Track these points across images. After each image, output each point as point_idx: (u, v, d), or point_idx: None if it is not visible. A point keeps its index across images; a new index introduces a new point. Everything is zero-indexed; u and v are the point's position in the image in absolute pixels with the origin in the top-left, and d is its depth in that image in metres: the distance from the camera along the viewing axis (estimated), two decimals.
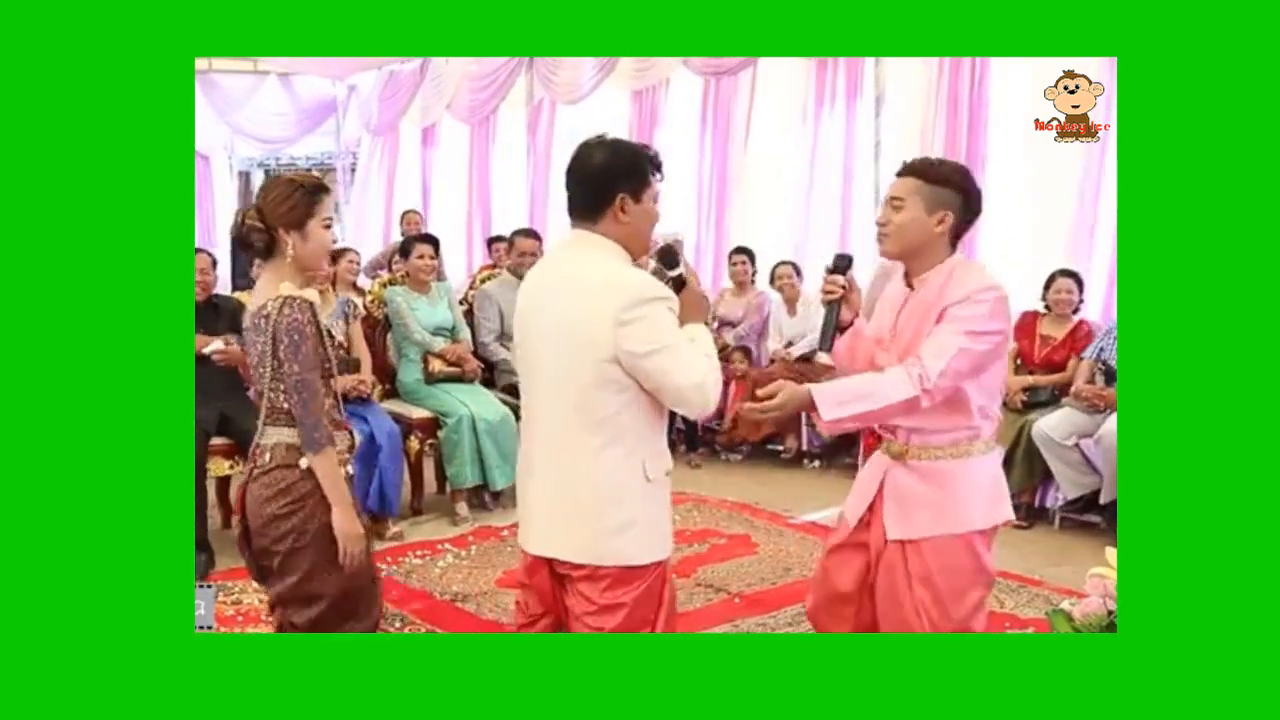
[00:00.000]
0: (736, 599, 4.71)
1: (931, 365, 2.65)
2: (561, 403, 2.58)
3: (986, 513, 2.85)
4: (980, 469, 2.85)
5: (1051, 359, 5.96)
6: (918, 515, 2.85)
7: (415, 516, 5.95)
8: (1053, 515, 5.84)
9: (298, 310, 2.74)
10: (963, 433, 2.82)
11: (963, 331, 2.68)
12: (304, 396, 2.75)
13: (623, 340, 2.47)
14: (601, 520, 2.57)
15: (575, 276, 2.58)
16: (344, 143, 13.00)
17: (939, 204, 2.77)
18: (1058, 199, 6.46)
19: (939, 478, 2.84)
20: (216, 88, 12.06)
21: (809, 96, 7.72)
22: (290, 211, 2.78)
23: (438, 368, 6.00)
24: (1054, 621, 2.60)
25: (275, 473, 2.81)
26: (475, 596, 4.74)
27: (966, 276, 2.77)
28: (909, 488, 2.86)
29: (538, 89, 9.90)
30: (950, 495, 2.83)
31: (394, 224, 11.30)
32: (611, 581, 2.59)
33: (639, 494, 2.59)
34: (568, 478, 2.61)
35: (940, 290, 2.77)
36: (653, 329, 2.48)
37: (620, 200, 2.58)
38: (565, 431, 2.59)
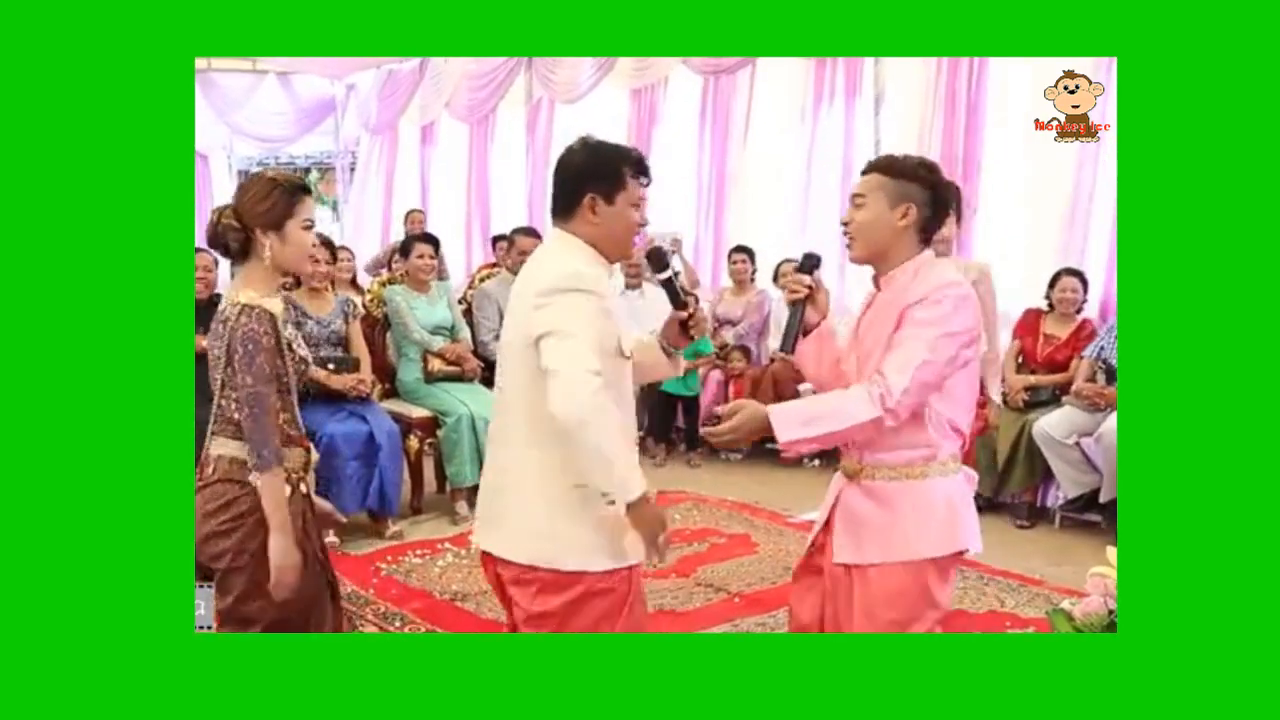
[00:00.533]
0: (736, 598, 4.71)
1: (894, 382, 2.47)
2: (507, 397, 2.61)
3: (939, 541, 2.62)
4: (935, 491, 2.62)
5: (1054, 358, 5.95)
6: (865, 539, 2.65)
7: (415, 515, 5.95)
8: (1053, 514, 5.83)
9: (255, 320, 2.63)
10: (918, 451, 2.61)
11: (924, 339, 2.50)
12: (254, 411, 2.62)
13: (531, 323, 2.44)
14: (526, 518, 2.54)
15: (533, 272, 2.59)
16: (343, 142, 13.00)
17: (902, 198, 2.61)
18: (1056, 198, 6.46)
19: (890, 500, 2.63)
20: (215, 87, 12.06)
21: (808, 95, 7.71)
22: (268, 212, 2.67)
23: (437, 367, 6.00)
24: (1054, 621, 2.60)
25: (218, 486, 2.68)
26: (475, 596, 4.73)
27: (930, 274, 2.60)
28: (859, 509, 2.66)
29: (536, 88, 9.90)
30: (900, 519, 2.61)
31: (393, 223, 11.30)
32: (540, 587, 2.52)
33: (560, 498, 2.50)
34: (505, 472, 2.61)
35: (904, 290, 2.59)
36: (557, 315, 2.41)
37: (590, 201, 2.57)
38: (508, 426, 2.60)
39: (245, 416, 2.62)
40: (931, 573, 2.62)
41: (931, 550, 2.61)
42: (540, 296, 2.44)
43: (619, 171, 2.59)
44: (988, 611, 4.52)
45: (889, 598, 2.61)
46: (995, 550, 5.27)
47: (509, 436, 2.59)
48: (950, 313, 2.52)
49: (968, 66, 6.67)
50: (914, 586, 2.61)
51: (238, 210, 2.69)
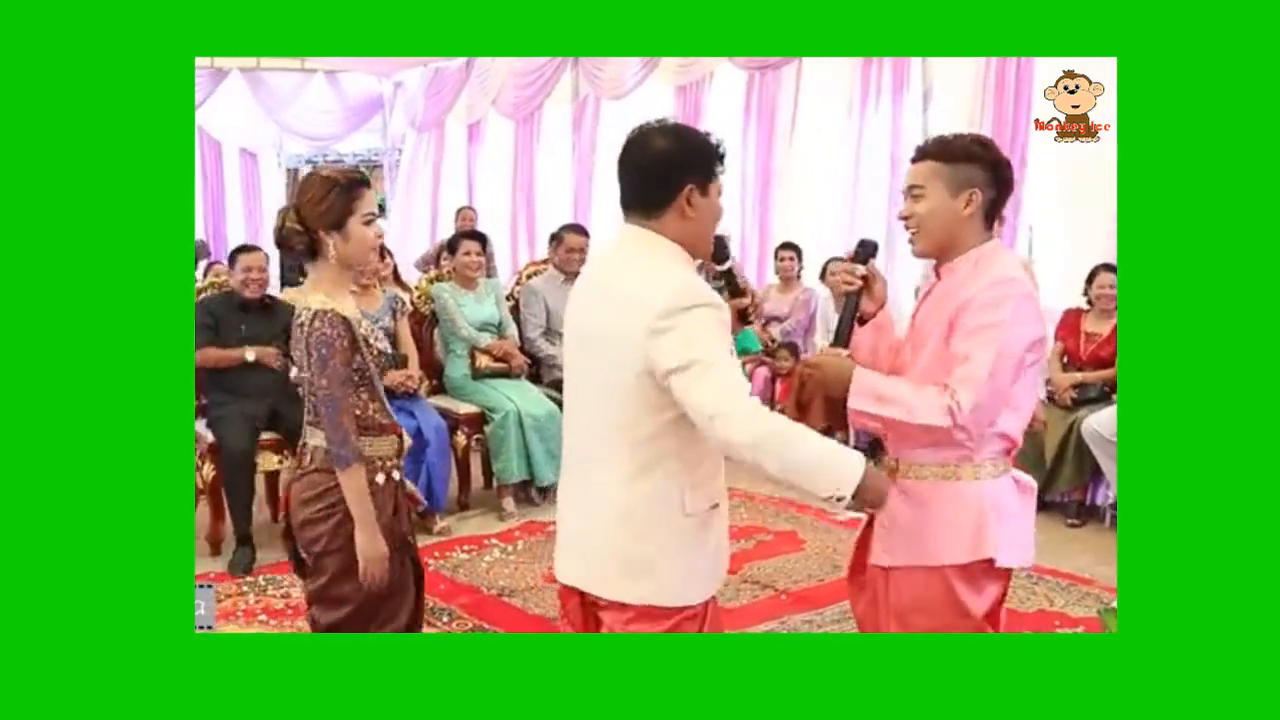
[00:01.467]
0: (783, 595, 4.71)
1: (964, 398, 2.33)
2: (597, 421, 2.33)
3: (967, 547, 2.45)
4: (968, 495, 2.45)
5: (1099, 355, 5.90)
6: (895, 541, 2.54)
7: (462, 511, 5.98)
8: (1103, 513, 5.77)
9: (327, 325, 2.68)
10: (954, 451, 2.45)
11: (991, 345, 2.35)
12: (329, 412, 2.70)
13: (653, 352, 2.17)
14: (626, 554, 2.31)
15: (619, 279, 2.33)
16: (390, 139, 13.09)
17: (963, 184, 2.46)
18: (1100, 193, 6.40)
19: (923, 500, 2.49)
20: (264, 85, 12.18)
21: (854, 91, 7.69)
22: (328, 212, 2.70)
23: (484, 363, 6.03)
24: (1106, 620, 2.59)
25: (314, 475, 2.79)
26: (522, 591, 4.76)
27: (990, 267, 2.45)
28: (895, 509, 2.50)
29: (583, 85, 9.93)
30: (928, 522, 2.48)
31: (440, 220, 11.37)
32: (635, 615, 2.33)
33: (672, 529, 2.30)
34: (594, 503, 2.35)
35: (965, 281, 2.45)
36: (684, 341, 2.16)
37: (688, 193, 2.28)
38: (598, 453, 2.34)
39: (323, 417, 2.71)
40: (958, 580, 2.47)
41: (952, 556, 2.46)
42: (660, 320, 2.16)
43: (712, 159, 2.33)
44: (1037, 611, 4.49)
45: (916, 603, 2.51)
46: (1044, 549, 5.20)
47: (605, 464, 2.33)
48: (1011, 319, 2.37)
49: (1015, 62, 6.62)
50: (939, 593, 2.48)
51: (299, 212, 2.72)
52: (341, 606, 2.81)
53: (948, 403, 2.34)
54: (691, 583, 2.35)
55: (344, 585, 2.79)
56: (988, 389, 2.34)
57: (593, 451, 2.36)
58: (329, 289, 2.75)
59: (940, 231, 2.50)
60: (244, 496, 5.13)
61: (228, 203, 13.02)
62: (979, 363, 2.34)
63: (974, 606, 2.48)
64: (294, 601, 4.59)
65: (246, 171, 13.29)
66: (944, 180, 2.47)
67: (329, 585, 2.81)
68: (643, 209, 2.32)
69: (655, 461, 2.27)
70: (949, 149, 2.50)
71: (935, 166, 2.49)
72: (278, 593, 4.72)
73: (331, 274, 2.76)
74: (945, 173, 2.48)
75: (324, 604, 2.84)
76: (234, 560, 5.02)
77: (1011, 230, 6.62)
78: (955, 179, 2.47)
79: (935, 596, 2.48)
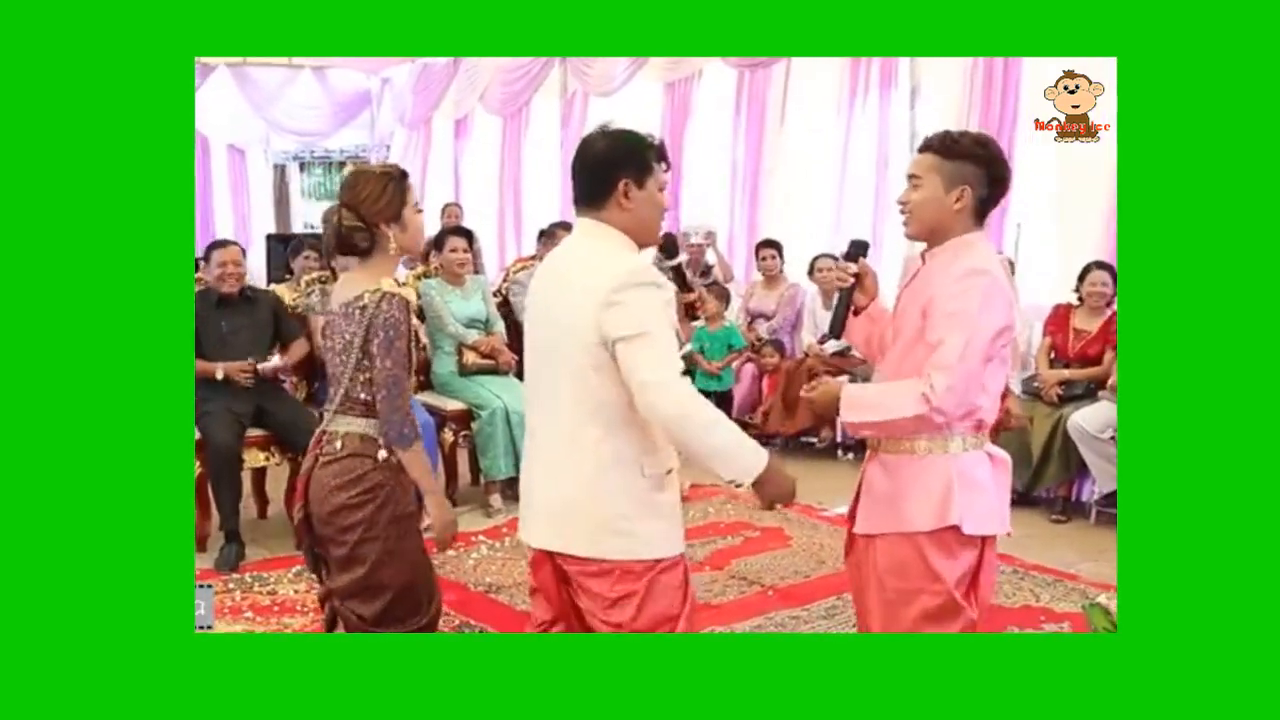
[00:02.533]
0: (769, 592, 4.71)
1: (937, 381, 2.51)
2: (559, 395, 2.55)
3: (933, 515, 2.62)
4: (938, 467, 2.63)
5: (1086, 353, 5.92)
6: (874, 510, 2.74)
7: None
8: (1088, 509, 5.80)
9: (396, 308, 2.75)
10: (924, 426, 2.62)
11: (962, 332, 2.52)
12: (393, 393, 2.75)
13: (604, 323, 2.42)
14: (600, 513, 2.52)
15: (575, 263, 2.58)
16: (378, 135, 13.06)
17: (957, 180, 2.63)
18: (1092, 191, 6.42)
19: (896, 472, 2.69)
20: (251, 82, 12.14)
21: (843, 89, 7.69)
22: (389, 205, 2.79)
23: (472, 360, 6.02)
24: (1090, 615, 2.60)
25: (347, 461, 2.80)
26: (509, 588, 4.76)
27: (964, 257, 2.62)
28: (875, 481, 2.75)
29: (571, 81, 9.92)
30: (901, 492, 2.68)
31: (427, 216, 11.34)
32: (620, 573, 2.53)
33: (634, 490, 2.53)
34: (566, 470, 2.55)
35: (941, 269, 2.65)
36: (633, 313, 2.42)
37: (624, 186, 2.55)
38: (562, 424, 2.56)
39: (383, 398, 2.76)
40: (928, 546, 2.64)
41: (920, 524, 2.64)
42: (612, 294, 2.42)
43: (645, 155, 2.59)
44: (1022, 606, 4.50)
45: (892, 567, 2.69)
46: (1030, 545, 5.25)
47: (569, 434, 2.54)
48: (979, 307, 2.54)
49: (1003, 59, 6.63)
50: (913, 558, 2.66)
51: (356, 209, 2.78)
52: (383, 594, 2.84)
53: (923, 389, 2.52)
54: (665, 537, 2.58)
55: (384, 572, 2.83)
56: (959, 372, 2.51)
57: (558, 423, 2.57)
58: (388, 278, 2.82)
59: (930, 220, 2.69)
60: (231, 493, 5.11)
61: (215, 199, 12.97)
62: (950, 348, 2.52)
63: (944, 571, 2.64)
64: (280, 599, 4.59)
65: (234, 168, 13.24)
66: (940, 174, 2.65)
67: (370, 574, 2.82)
68: (588, 203, 2.61)
69: (614, 427, 2.50)
70: (950, 145, 2.66)
71: (935, 160, 2.67)
72: (264, 590, 4.71)
73: (387, 264, 2.84)
74: (943, 167, 2.65)
75: (365, 595, 2.85)
76: (221, 557, 5.00)
77: (999, 227, 6.64)
78: (951, 174, 2.64)
79: (908, 561, 2.66)
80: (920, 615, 2.65)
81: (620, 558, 2.53)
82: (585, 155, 2.61)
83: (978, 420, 2.66)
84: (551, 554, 2.62)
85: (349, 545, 2.81)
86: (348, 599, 2.88)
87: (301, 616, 4.40)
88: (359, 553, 2.81)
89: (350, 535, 2.80)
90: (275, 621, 4.36)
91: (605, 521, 2.52)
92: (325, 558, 2.90)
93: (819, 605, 4.51)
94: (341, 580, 2.86)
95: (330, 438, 2.84)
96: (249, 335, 5.32)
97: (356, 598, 2.86)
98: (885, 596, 2.70)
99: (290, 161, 13.70)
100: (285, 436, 5.25)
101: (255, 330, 5.33)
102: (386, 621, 2.84)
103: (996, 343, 2.58)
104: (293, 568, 4.88)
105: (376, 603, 2.84)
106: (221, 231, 12.12)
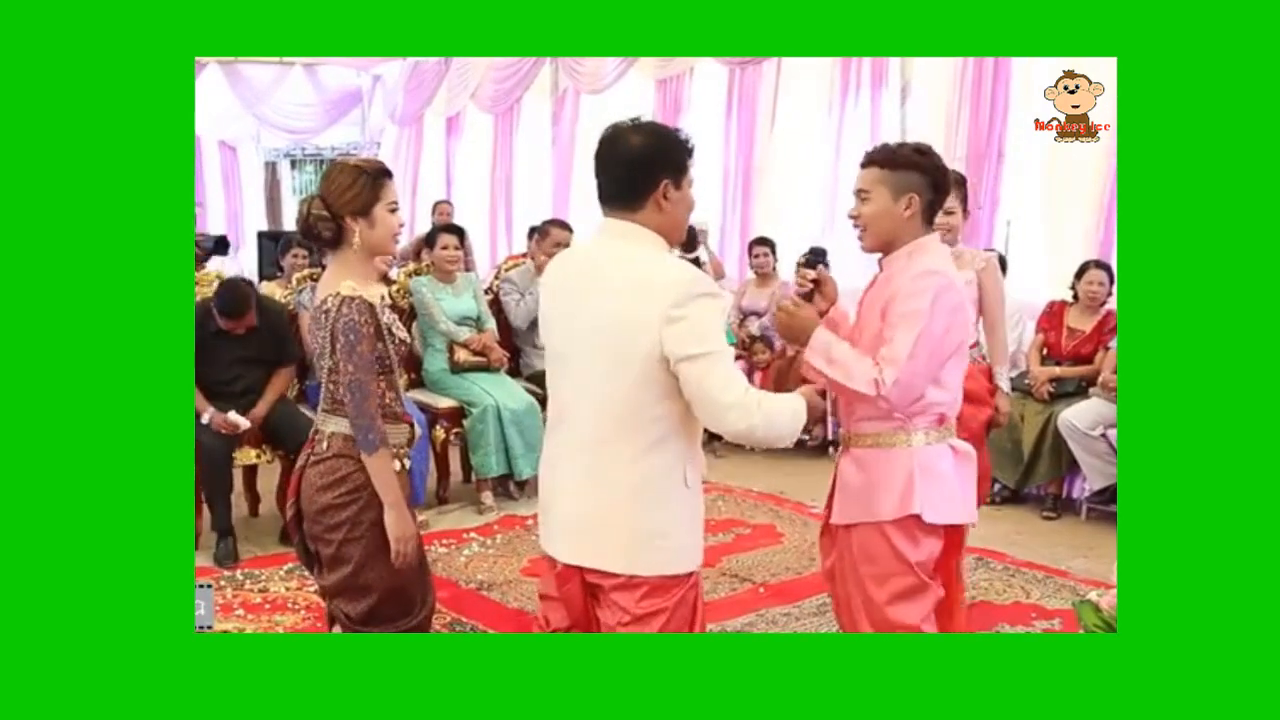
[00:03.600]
0: (761, 589, 4.72)
1: (887, 373, 2.64)
2: (600, 404, 2.45)
3: (896, 504, 2.78)
4: (901, 459, 2.79)
5: (1079, 351, 5.93)
6: (846, 501, 2.90)
7: (441, 505, 5.97)
8: (1079, 506, 5.82)
9: (355, 311, 2.71)
10: (890, 423, 2.79)
11: (913, 329, 2.65)
12: (356, 398, 2.72)
13: (668, 339, 2.33)
14: (639, 528, 2.45)
15: (619, 270, 2.44)
16: (369, 133, 13.04)
17: (904, 189, 2.76)
18: (1083, 189, 6.43)
19: (866, 465, 2.85)
20: (243, 79, 12.10)
21: (834, 86, 7.70)
22: (355, 199, 2.75)
23: (463, 357, 6.02)
24: (1081, 612, 2.61)
25: (332, 461, 2.79)
26: (500, 585, 4.76)
27: (919, 259, 2.77)
28: (846, 474, 2.90)
29: (562, 79, 9.91)
30: (870, 483, 2.83)
31: (419, 213, 11.33)
32: (649, 590, 2.47)
33: (677, 501, 2.48)
34: (604, 483, 2.46)
35: (898, 272, 2.77)
36: (696, 330, 2.34)
37: (664, 187, 2.44)
38: (603, 435, 2.45)
39: (349, 403, 2.74)
40: (895, 534, 2.80)
41: (886, 513, 2.80)
42: (673, 309, 2.32)
43: (683, 155, 2.50)
44: (1013, 603, 4.51)
45: (864, 555, 2.85)
46: (1020, 542, 5.27)
47: (607, 445, 2.46)
48: (929, 307, 2.66)
49: (993, 58, 6.63)
50: (881, 545, 2.82)
51: (325, 200, 2.77)
52: (369, 594, 2.83)
53: (874, 375, 2.65)
54: (696, 548, 2.56)
55: (369, 572, 2.81)
56: (908, 368, 2.64)
57: (599, 434, 2.47)
58: (356, 277, 2.79)
59: (884, 231, 2.82)
60: (224, 491, 5.11)
61: (208, 196, 12.95)
62: (900, 343, 2.65)
63: (910, 556, 2.81)
64: (271, 596, 4.59)
65: (226, 165, 13.22)
66: (887, 185, 2.79)
67: (355, 574, 2.81)
68: (623, 203, 2.47)
69: (662, 439, 2.44)
70: (892, 157, 2.81)
71: (880, 173, 2.80)
72: (255, 587, 4.70)
73: (355, 260, 2.81)
74: (889, 179, 2.79)
75: (350, 595, 2.84)
76: (220, 551, 5.02)
77: (989, 225, 6.65)
78: (897, 184, 2.78)
79: (877, 548, 2.83)
80: (891, 595, 2.82)
81: (656, 573, 2.47)
82: (620, 152, 2.48)
83: (939, 414, 2.81)
84: (581, 568, 2.54)
85: (335, 544, 2.81)
86: (335, 597, 2.88)
87: (292, 614, 4.39)
88: (344, 552, 2.81)
89: (336, 535, 2.79)
90: (266, 619, 4.35)
91: (643, 536, 2.46)
92: (317, 555, 2.89)
93: (810, 602, 4.51)
94: (330, 579, 2.86)
95: (320, 437, 2.84)
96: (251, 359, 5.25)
97: (343, 596, 2.86)
98: (860, 581, 2.86)
99: (281, 159, 13.67)
100: (276, 434, 5.23)
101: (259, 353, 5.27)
102: (374, 621, 2.83)
103: (948, 340, 2.72)
104: (284, 565, 4.88)
105: (362, 603, 2.83)
106: (214, 229, 12.09)
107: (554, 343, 2.58)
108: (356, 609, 2.84)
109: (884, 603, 2.81)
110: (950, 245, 4.25)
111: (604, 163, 2.50)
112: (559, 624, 2.66)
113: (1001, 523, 5.61)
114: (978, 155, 6.57)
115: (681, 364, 2.34)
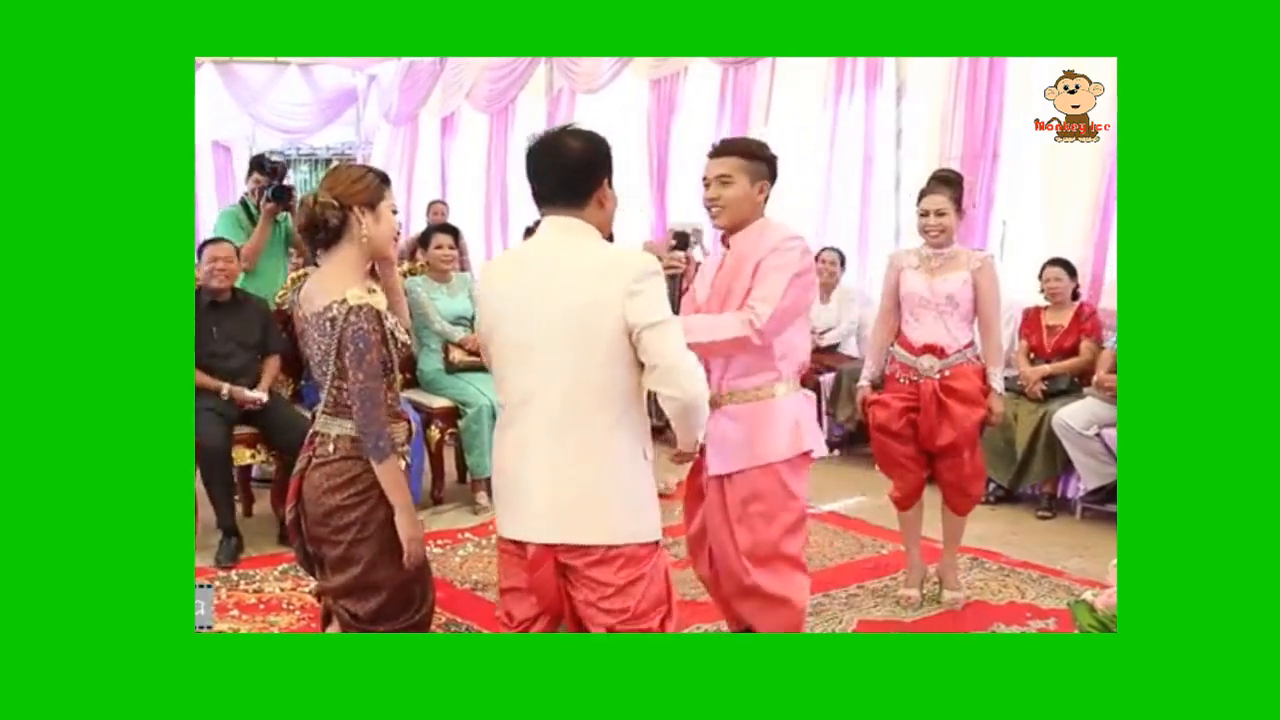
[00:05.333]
0: None
1: (761, 310, 3.12)
2: (571, 384, 2.58)
3: (789, 445, 3.29)
4: (783, 408, 3.30)
5: (1062, 345, 5.99)
6: (730, 452, 3.29)
7: (436, 505, 5.97)
8: (1074, 506, 5.83)
9: (364, 319, 2.72)
10: (766, 376, 3.28)
11: (783, 278, 3.15)
12: (366, 405, 2.73)
13: (630, 311, 2.52)
14: (615, 498, 2.62)
15: (578, 260, 2.62)
16: (364, 133, 13.01)
17: (758, 176, 3.31)
18: (1079, 189, 6.43)
19: (746, 418, 3.29)
20: (238, 79, 12.07)
21: (828, 85, 7.68)
22: (365, 190, 2.79)
23: (458, 357, 6.02)
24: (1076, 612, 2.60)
25: (339, 464, 2.79)
26: (495, 585, 4.73)
27: (774, 231, 3.28)
28: (723, 429, 3.27)
29: (557, 79, 9.90)
30: (757, 432, 3.27)
31: (413, 213, 11.31)
32: (625, 560, 2.61)
33: (643, 472, 2.67)
34: (577, 459, 2.60)
35: (754, 245, 3.25)
36: (652, 301, 2.55)
37: (603, 186, 2.68)
38: (572, 413, 2.59)
39: (358, 410, 2.74)
40: (785, 471, 3.29)
41: (782, 454, 3.28)
42: (634, 284, 2.53)
43: (610, 156, 2.73)
44: (1008, 603, 4.52)
45: (753, 496, 3.29)
46: (1015, 541, 5.28)
47: (577, 425, 2.60)
48: (798, 259, 3.22)
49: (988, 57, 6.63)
50: (773, 484, 3.29)
51: (333, 191, 2.78)
52: (377, 594, 2.84)
53: (748, 316, 3.13)
54: (658, 518, 2.72)
55: (378, 572, 2.82)
56: (780, 305, 3.15)
57: (571, 413, 2.61)
58: (356, 280, 2.78)
59: (741, 213, 3.32)
60: (224, 490, 5.12)
61: (201, 196, 12.92)
62: (774, 284, 3.16)
63: (797, 489, 3.33)
64: (266, 596, 4.59)
65: (220, 165, 13.19)
66: (746, 173, 3.31)
67: (364, 574, 2.82)
68: (566, 202, 2.68)
69: (625, 411, 2.63)
70: (748, 148, 3.38)
71: (739, 162, 3.32)
72: (250, 588, 4.70)
73: (354, 261, 2.81)
74: (748, 167, 3.31)
75: (360, 594, 2.85)
76: (221, 550, 5.03)
77: (984, 225, 6.65)
78: (753, 172, 3.32)
79: (769, 488, 3.29)
80: (782, 530, 3.30)
81: (633, 541, 2.62)
82: (561, 156, 2.67)
83: (799, 364, 3.35)
84: (554, 549, 2.63)
85: (344, 545, 2.81)
86: (342, 598, 2.88)
87: (287, 614, 4.39)
88: (353, 553, 2.81)
89: (345, 536, 2.80)
90: (261, 620, 4.35)
91: (621, 507, 2.62)
92: (319, 557, 2.89)
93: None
94: (336, 580, 2.86)
95: (323, 440, 2.84)
96: (238, 341, 5.30)
97: (351, 597, 2.86)
98: (748, 521, 3.29)
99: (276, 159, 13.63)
100: (272, 434, 5.23)
101: (244, 336, 5.31)
102: (380, 619, 2.85)
103: (805, 295, 3.27)
104: (279, 566, 4.88)
105: (371, 601, 2.84)
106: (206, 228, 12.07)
107: (512, 335, 2.67)
108: (365, 608, 2.85)
109: (776, 538, 3.29)
110: (945, 246, 4.27)
111: (545, 166, 2.70)
112: (524, 615, 2.76)
113: (996, 522, 5.62)
114: (973, 155, 6.56)
115: (644, 331, 2.53)
